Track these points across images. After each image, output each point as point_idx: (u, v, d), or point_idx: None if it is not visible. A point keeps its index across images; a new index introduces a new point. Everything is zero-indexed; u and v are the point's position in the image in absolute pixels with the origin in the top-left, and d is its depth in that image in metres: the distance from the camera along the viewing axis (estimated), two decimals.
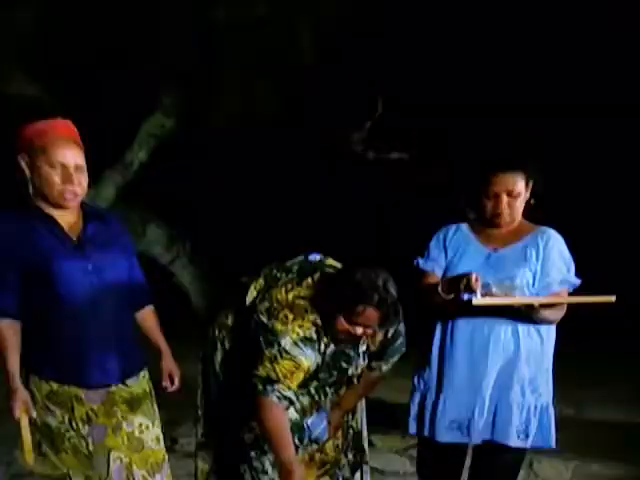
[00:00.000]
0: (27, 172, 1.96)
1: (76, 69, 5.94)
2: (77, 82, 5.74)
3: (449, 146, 5.82)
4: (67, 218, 2.01)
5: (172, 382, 2.23)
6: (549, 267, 2.35)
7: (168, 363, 2.21)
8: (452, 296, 2.27)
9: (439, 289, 2.30)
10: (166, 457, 2.15)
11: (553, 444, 2.40)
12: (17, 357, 1.91)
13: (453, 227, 2.50)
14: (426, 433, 2.40)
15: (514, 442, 2.33)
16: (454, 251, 2.44)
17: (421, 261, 2.47)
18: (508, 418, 2.32)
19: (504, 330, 2.33)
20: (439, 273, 2.42)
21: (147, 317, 2.20)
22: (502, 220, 2.37)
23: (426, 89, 5.89)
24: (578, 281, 2.39)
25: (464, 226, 2.50)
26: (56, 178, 1.94)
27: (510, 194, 2.34)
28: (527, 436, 2.34)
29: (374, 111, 6.48)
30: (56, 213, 1.99)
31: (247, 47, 5.69)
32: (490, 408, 2.34)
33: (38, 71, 6.32)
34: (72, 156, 1.96)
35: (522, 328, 2.34)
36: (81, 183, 1.98)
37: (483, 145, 2.68)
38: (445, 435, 2.36)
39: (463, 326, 2.35)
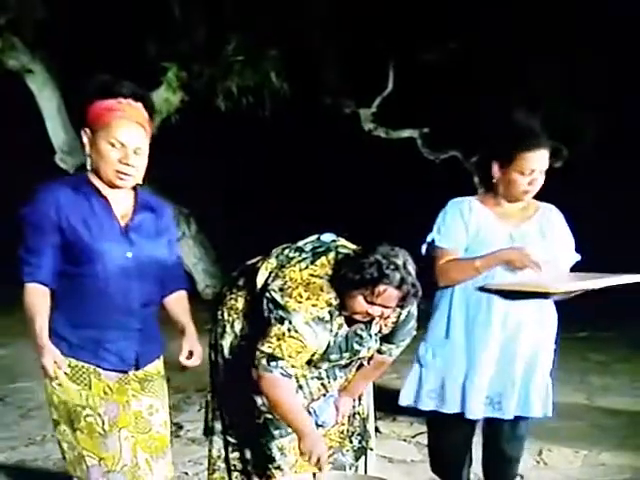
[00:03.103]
0: (87, 148, 1.96)
1: (79, 44, 5.84)
2: (79, 58, 5.64)
3: (463, 123, 5.71)
4: (121, 201, 1.99)
5: (191, 357, 2.10)
6: (557, 243, 2.40)
7: (192, 342, 2.09)
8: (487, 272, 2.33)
9: (477, 264, 2.30)
10: (169, 443, 2.12)
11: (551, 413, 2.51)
12: (45, 318, 1.91)
13: (464, 202, 2.43)
14: (457, 409, 2.42)
15: (536, 413, 2.44)
16: (476, 228, 2.39)
17: (437, 238, 2.40)
18: (534, 396, 2.42)
19: (533, 314, 2.37)
20: (460, 250, 2.37)
21: (178, 302, 2.15)
22: (529, 196, 2.39)
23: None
24: (578, 256, 2.44)
25: (475, 201, 2.44)
26: (113, 157, 1.92)
27: (541, 171, 2.35)
28: (543, 407, 2.46)
29: (384, 87, 6.36)
30: (110, 194, 1.97)
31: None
32: (520, 386, 2.40)
33: (40, 45, 6.22)
34: (133, 137, 1.93)
35: (546, 309, 2.41)
36: (137, 166, 1.95)
37: (512, 121, 2.62)
38: (477, 411, 2.40)
39: (499, 306, 2.35)
